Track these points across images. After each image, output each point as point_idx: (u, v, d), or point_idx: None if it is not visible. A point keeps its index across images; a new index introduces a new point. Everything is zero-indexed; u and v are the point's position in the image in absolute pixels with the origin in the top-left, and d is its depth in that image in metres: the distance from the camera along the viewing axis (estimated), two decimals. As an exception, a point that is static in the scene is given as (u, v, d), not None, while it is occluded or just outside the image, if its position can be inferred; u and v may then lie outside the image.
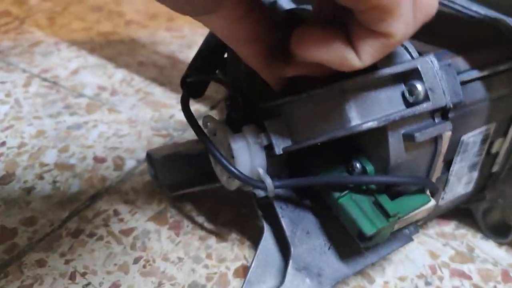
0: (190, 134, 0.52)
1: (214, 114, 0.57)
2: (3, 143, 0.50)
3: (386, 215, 0.29)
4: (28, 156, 0.48)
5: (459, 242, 0.41)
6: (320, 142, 0.30)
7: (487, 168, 0.38)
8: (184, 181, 0.42)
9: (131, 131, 0.53)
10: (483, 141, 0.35)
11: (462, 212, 0.43)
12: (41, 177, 0.46)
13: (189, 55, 0.68)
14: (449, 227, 0.42)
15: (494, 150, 0.37)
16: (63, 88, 0.60)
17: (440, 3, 0.38)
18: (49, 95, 0.59)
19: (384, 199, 0.30)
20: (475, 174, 0.37)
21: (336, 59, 0.24)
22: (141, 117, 0.55)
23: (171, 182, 0.43)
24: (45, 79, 0.62)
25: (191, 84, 0.36)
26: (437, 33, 0.33)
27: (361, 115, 0.29)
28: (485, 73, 0.32)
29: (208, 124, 0.35)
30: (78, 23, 0.77)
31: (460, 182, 0.37)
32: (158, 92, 0.60)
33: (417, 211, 0.30)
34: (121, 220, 0.42)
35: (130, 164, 0.48)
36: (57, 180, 0.46)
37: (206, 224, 0.42)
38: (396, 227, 0.31)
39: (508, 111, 0.34)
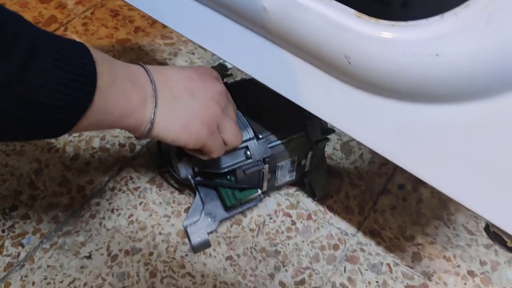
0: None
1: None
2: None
3: (236, 199, 0.74)
4: (84, 142, 0.93)
5: (294, 199, 0.86)
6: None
7: (301, 170, 0.81)
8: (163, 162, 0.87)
9: (138, 125, 0.96)
10: (292, 163, 0.78)
11: (301, 183, 0.87)
12: (92, 156, 0.90)
13: (175, 61, 1.07)
14: (292, 190, 0.87)
15: (302, 163, 0.80)
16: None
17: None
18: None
19: (237, 192, 0.74)
20: (294, 174, 0.81)
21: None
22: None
23: (158, 162, 0.87)
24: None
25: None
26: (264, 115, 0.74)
27: (228, 158, 0.72)
28: (285, 140, 0.74)
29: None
30: (103, 29, 1.15)
31: (285, 177, 0.80)
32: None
33: (250, 196, 0.75)
34: (134, 182, 0.87)
35: (138, 148, 0.92)
36: (101, 158, 0.90)
37: (175, 185, 0.87)
38: (243, 201, 0.76)
39: (302, 150, 0.77)
